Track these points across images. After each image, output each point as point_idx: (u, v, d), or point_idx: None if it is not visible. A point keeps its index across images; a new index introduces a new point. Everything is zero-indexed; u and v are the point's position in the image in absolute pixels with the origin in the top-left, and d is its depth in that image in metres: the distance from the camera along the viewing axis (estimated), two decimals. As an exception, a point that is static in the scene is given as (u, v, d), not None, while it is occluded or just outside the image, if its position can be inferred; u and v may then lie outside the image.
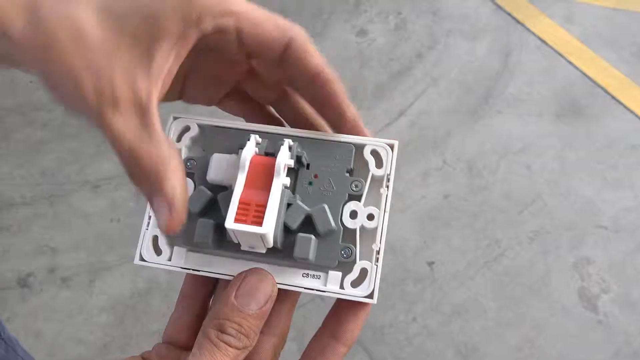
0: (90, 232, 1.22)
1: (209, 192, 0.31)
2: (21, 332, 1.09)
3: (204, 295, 0.33)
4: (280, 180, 0.29)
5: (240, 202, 0.29)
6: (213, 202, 0.31)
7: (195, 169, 0.33)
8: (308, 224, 0.31)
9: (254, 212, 0.29)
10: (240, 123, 0.33)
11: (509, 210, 1.26)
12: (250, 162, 0.30)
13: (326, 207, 0.31)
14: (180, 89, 0.32)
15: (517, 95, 1.45)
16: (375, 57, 1.53)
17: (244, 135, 0.32)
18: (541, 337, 1.11)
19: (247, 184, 0.29)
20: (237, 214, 0.29)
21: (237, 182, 0.29)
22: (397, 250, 1.19)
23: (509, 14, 1.61)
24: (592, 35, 1.55)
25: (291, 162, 0.30)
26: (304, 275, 0.31)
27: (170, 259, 0.32)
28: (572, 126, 1.39)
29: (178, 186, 0.26)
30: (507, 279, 1.17)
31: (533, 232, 1.23)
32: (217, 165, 0.31)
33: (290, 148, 0.31)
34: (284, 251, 0.31)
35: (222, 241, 0.31)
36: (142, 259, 0.32)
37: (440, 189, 1.29)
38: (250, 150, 0.30)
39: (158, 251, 0.32)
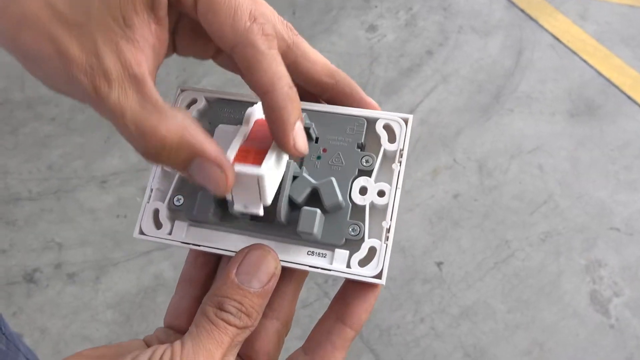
0: (96, 227, 1.21)
1: None
2: (27, 327, 1.08)
3: (204, 276, 0.31)
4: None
5: (240, 150, 0.28)
6: None
7: None
8: (314, 199, 0.29)
9: (253, 156, 0.27)
10: (247, 95, 0.32)
11: (520, 210, 1.24)
12: (255, 122, 0.29)
13: (333, 180, 0.29)
14: (171, 43, 0.29)
15: (529, 93, 1.42)
16: (384, 54, 1.51)
17: (248, 106, 0.31)
18: (551, 341, 1.09)
19: (249, 139, 0.28)
20: (235, 157, 0.27)
21: (239, 133, 0.28)
22: (405, 250, 1.18)
23: (522, 11, 1.58)
24: (607, 33, 1.52)
25: None
26: (309, 253, 0.29)
27: (170, 233, 0.31)
28: (585, 125, 1.36)
29: (215, 144, 0.25)
30: (517, 281, 1.16)
31: (544, 233, 1.21)
32: (222, 136, 0.30)
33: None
34: (288, 227, 0.29)
35: (226, 215, 0.30)
36: (141, 232, 0.31)
37: (449, 188, 1.27)
38: (257, 108, 0.29)
39: (158, 225, 0.31)
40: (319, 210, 0.28)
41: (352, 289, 0.29)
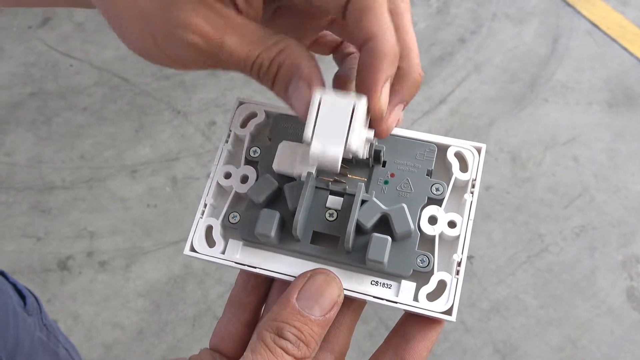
0: (127, 216, 1.23)
1: (275, 182, 0.29)
2: (60, 314, 1.11)
3: (255, 301, 0.30)
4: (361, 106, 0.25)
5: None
6: (278, 193, 0.29)
7: (259, 158, 0.31)
8: (382, 225, 0.28)
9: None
10: None
11: (554, 204, 1.21)
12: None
13: (405, 206, 0.28)
14: (270, 20, 0.29)
15: (565, 82, 1.38)
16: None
17: None
18: (585, 338, 1.06)
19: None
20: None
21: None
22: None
23: (559, -3, 1.53)
24: (649, 19, 1.46)
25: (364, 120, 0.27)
26: (373, 282, 0.28)
27: (223, 252, 0.29)
28: (624, 116, 1.32)
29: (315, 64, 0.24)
30: (550, 276, 1.13)
31: (579, 227, 1.18)
32: (285, 154, 0.29)
33: (371, 145, 0.28)
34: (352, 253, 0.28)
35: (286, 237, 0.28)
36: (192, 249, 0.29)
37: (481, 180, 1.24)
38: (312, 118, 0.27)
39: (211, 242, 0.29)
40: (390, 238, 0.27)
41: (413, 324, 0.28)
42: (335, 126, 0.25)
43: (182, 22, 0.23)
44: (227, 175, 0.30)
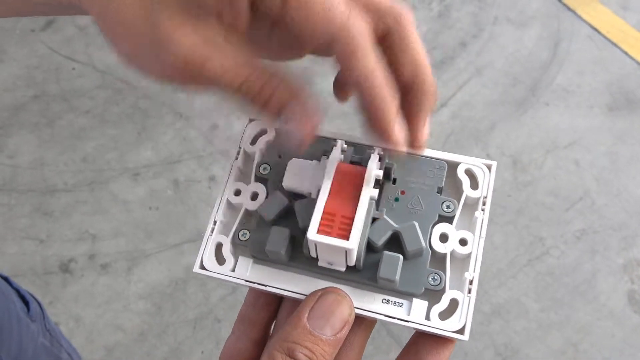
0: (129, 219, 1.23)
1: (285, 199, 0.29)
2: (62, 316, 1.11)
3: (265, 318, 0.30)
4: (369, 191, 0.27)
5: (324, 212, 0.26)
6: (288, 210, 0.29)
7: (269, 175, 0.31)
8: (393, 243, 0.28)
9: (339, 223, 0.26)
10: (322, 130, 0.30)
11: (555, 207, 1.21)
12: (336, 170, 0.28)
13: (416, 224, 0.28)
14: (266, 42, 0.28)
15: (566, 86, 1.38)
16: (417, 46, 1.48)
17: (326, 142, 0.30)
18: (586, 341, 1.06)
19: (332, 193, 0.27)
20: (320, 224, 0.26)
21: (321, 189, 0.27)
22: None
23: (560, 1, 1.54)
24: (650, 23, 1.47)
25: (380, 173, 0.28)
26: (384, 301, 0.28)
27: (233, 270, 0.29)
28: (625, 120, 1.32)
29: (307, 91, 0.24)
30: (551, 279, 1.13)
31: (580, 231, 1.18)
32: (295, 171, 0.29)
33: (380, 158, 0.28)
34: (363, 271, 0.28)
35: (296, 254, 0.28)
36: (202, 267, 0.29)
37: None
38: (336, 156, 0.28)
39: (221, 260, 0.29)
40: (401, 256, 0.27)
41: (425, 343, 0.27)
42: (337, 256, 0.26)
43: (165, 37, 0.23)
44: (237, 193, 0.31)
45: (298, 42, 0.25)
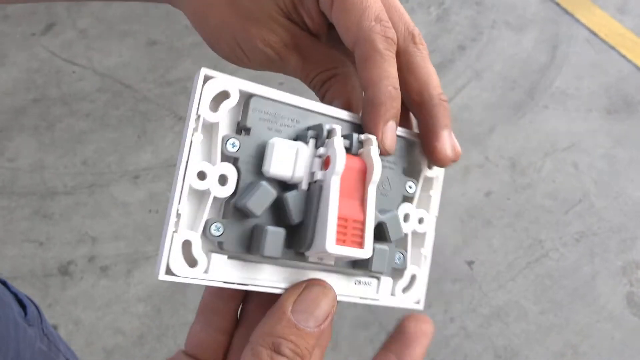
0: (129, 222, 1.23)
1: (273, 191, 0.25)
2: (61, 319, 1.11)
3: (231, 309, 0.29)
4: (374, 190, 0.25)
5: (338, 218, 0.24)
6: (275, 203, 0.25)
7: (239, 153, 0.25)
8: (375, 231, 0.27)
9: (352, 229, 0.24)
10: (298, 98, 0.26)
11: (554, 210, 1.21)
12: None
13: (397, 213, 0.28)
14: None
15: (564, 89, 1.39)
16: (416, 49, 1.49)
17: (304, 115, 0.26)
18: (585, 344, 1.06)
19: (340, 195, 0.24)
20: (337, 232, 0.24)
21: (331, 190, 0.24)
22: (435, 248, 1.16)
23: (558, 4, 1.54)
24: (648, 27, 1.47)
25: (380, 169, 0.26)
26: (356, 282, 0.28)
27: (206, 271, 0.25)
28: (623, 123, 1.32)
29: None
30: (550, 282, 1.13)
31: (579, 233, 1.18)
32: (281, 155, 0.25)
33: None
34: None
35: (286, 250, 0.26)
36: (169, 272, 0.24)
37: (481, 186, 1.25)
38: (342, 146, 0.25)
39: (192, 262, 0.24)
40: (388, 248, 0.27)
41: (408, 327, 0.28)
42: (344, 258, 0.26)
43: (259, 37, 0.29)
44: (202, 176, 0.24)
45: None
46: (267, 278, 0.26)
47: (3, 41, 1.53)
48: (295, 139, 0.26)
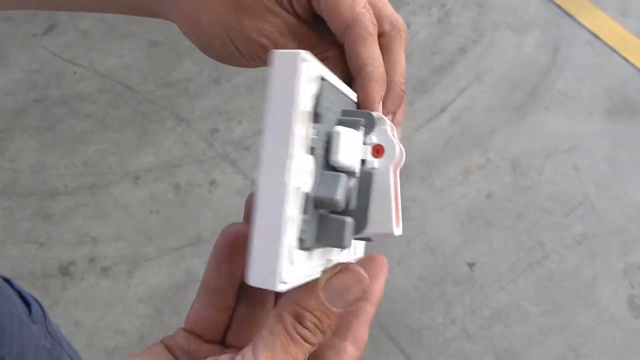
0: (129, 223, 1.23)
1: (350, 182, 0.25)
2: (62, 320, 1.11)
3: (231, 287, 0.29)
4: (398, 173, 0.27)
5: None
6: None
7: (316, 143, 0.23)
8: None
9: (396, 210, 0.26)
10: (340, 81, 0.26)
11: (555, 212, 1.21)
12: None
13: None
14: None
15: (566, 92, 1.39)
16: (417, 51, 1.49)
17: (340, 98, 0.26)
18: (586, 346, 1.06)
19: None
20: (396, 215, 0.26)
21: (391, 179, 0.25)
22: (436, 250, 1.16)
23: (559, 7, 1.55)
24: (649, 29, 1.47)
25: None
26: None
27: (295, 270, 0.23)
28: (624, 125, 1.32)
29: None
30: (551, 284, 1.13)
31: (580, 235, 1.18)
32: (347, 145, 0.24)
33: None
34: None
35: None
36: (282, 282, 0.21)
37: (482, 187, 1.25)
38: (394, 137, 0.26)
39: (290, 262, 0.23)
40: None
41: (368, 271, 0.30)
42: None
43: (253, 27, 0.30)
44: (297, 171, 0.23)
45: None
46: (317, 263, 0.25)
47: (4, 42, 1.53)
48: (338, 124, 0.25)
